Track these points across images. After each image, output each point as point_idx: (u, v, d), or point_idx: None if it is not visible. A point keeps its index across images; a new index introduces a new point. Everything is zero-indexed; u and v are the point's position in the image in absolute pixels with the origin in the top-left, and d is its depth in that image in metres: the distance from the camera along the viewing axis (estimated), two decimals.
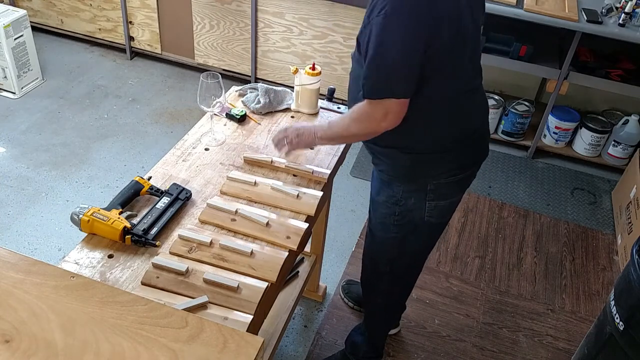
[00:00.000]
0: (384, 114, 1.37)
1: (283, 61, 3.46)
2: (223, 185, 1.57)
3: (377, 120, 1.38)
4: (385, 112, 1.36)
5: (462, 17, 1.37)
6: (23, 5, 3.84)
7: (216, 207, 1.49)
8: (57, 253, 2.45)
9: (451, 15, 1.32)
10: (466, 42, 1.42)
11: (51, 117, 3.25)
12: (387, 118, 1.37)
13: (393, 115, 1.37)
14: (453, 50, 1.37)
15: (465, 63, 1.45)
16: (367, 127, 1.42)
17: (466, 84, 1.49)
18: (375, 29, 1.29)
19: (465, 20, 1.39)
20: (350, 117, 1.45)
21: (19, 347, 0.87)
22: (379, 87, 1.34)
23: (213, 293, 1.27)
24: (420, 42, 1.29)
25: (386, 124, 1.38)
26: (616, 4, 2.77)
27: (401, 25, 1.27)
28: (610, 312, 1.68)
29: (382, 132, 1.41)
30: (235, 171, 1.62)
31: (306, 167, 1.64)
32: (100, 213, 1.38)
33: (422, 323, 2.31)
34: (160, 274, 1.30)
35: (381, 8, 1.27)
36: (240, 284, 1.29)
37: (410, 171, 1.55)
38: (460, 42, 1.39)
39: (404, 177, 1.57)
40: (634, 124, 3.05)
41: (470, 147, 1.57)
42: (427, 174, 1.54)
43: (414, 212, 1.61)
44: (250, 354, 0.88)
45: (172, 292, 1.27)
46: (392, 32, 1.28)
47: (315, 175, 1.63)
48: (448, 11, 1.31)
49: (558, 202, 3.01)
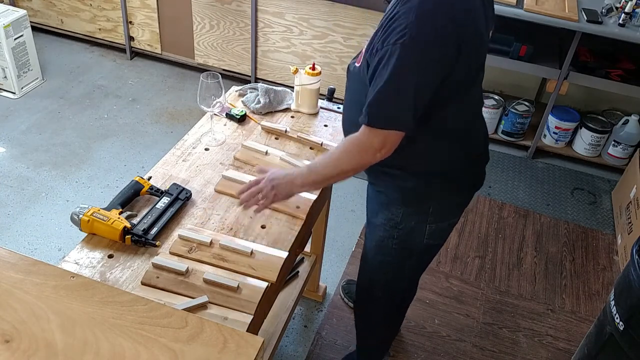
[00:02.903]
0: (382, 144, 1.29)
1: (283, 61, 3.46)
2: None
3: (373, 150, 1.29)
4: (383, 142, 1.28)
5: (482, 35, 1.32)
6: (23, 5, 3.84)
7: (231, 178, 1.56)
8: (57, 253, 2.45)
9: (474, 43, 1.27)
10: (483, 62, 1.40)
11: (51, 117, 3.25)
12: (383, 149, 1.29)
13: (390, 146, 1.30)
14: (470, 78, 1.33)
15: (481, 79, 1.42)
16: (362, 158, 1.33)
17: (475, 108, 1.47)
18: (390, 57, 1.21)
19: (483, 39, 1.34)
20: (341, 150, 1.35)
21: (19, 347, 0.87)
22: (385, 116, 1.26)
23: (213, 293, 1.27)
24: (437, 75, 1.24)
25: (381, 155, 1.31)
26: (616, 4, 2.77)
27: (420, 57, 1.20)
28: (610, 312, 1.68)
29: (374, 163, 1.33)
30: (231, 170, 1.63)
31: None
32: (100, 213, 1.38)
33: (422, 323, 2.31)
34: (160, 274, 1.30)
35: (400, 36, 1.19)
36: (240, 284, 1.29)
37: (414, 193, 1.48)
38: (479, 68, 1.37)
39: (406, 199, 1.50)
40: (634, 124, 3.05)
41: (474, 170, 1.54)
42: (430, 196, 1.49)
43: (414, 235, 1.55)
44: (250, 354, 0.88)
45: (172, 292, 1.27)
46: (409, 63, 1.20)
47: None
48: (472, 40, 1.26)
49: (558, 202, 3.01)
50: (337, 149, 1.36)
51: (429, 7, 1.18)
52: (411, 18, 1.17)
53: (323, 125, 1.86)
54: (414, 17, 1.17)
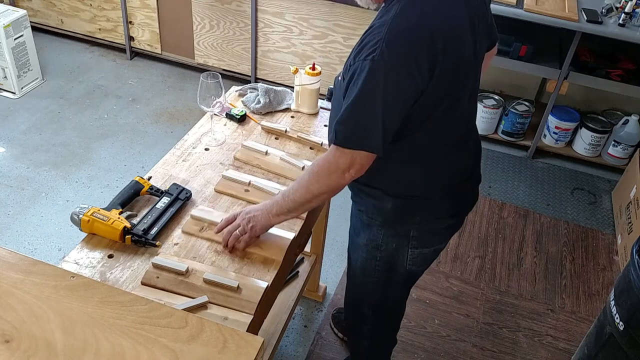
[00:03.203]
0: (350, 164, 1.23)
1: (283, 61, 3.46)
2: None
3: (341, 170, 1.24)
4: (351, 162, 1.22)
5: (464, 58, 1.24)
6: (23, 5, 3.84)
7: (231, 178, 1.58)
8: (57, 253, 2.45)
9: (453, 57, 1.18)
10: (466, 85, 1.29)
11: (51, 117, 3.25)
12: (352, 169, 1.23)
13: (359, 167, 1.24)
14: (450, 97, 1.24)
15: (463, 106, 1.32)
16: (330, 180, 1.26)
17: (459, 130, 1.37)
18: (360, 73, 1.14)
19: (467, 61, 1.25)
20: (309, 173, 1.30)
21: (19, 347, 0.87)
22: (354, 136, 1.20)
23: (213, 293, 1.27)
24: (410, 94, 1.17)
25: (350, 176, 1.25)
26: (616, 4, 2.77)
27: (390, 74, 1.13)
28: (610, 312, 1.68)
29: (345, 185, 1.28)
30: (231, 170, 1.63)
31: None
32: (100, 213, 1.38)
33: (422, 323, 2.31)
34: (160, 274, 1.31)
35: (370, 51, 1.12)
36: (240, 284, 1.29)
37: (393, 215, 1.41)
38: (460, 86, 1.26)
39: (385, 221, 1.44)
40: (634, 124, 3.05)
41: (459, 195, 1.45)
42: (410, 220, 1.42)
43: (396, 259, 1.49)
44: (250, 354, 0.89)
45: (172, 292, 1.27)
46: (379, 80, 1.13)
47: None
48: (450, 54, 1.17)
49: (558, 202, 3.01)
50: (306, 171, 1.32)
51: (403, 24, 1.13)
52: (383, 33, 1.12)
53: (323, 125, 1.86)
54: (385, 33, 1.11)
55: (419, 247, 1.46)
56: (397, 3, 1.15)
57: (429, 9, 1.15)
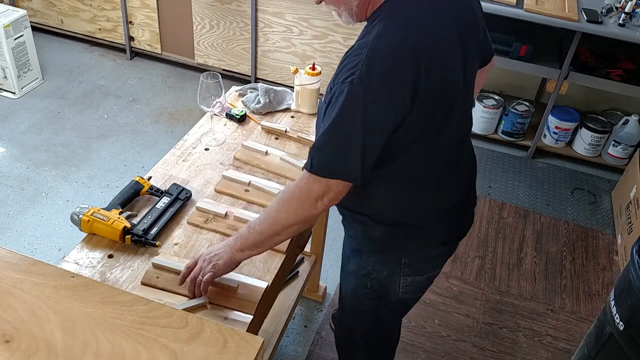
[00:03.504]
0: (324, 193, 1.14)
1: (283, 61, 3.46)
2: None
3: (313, 199, 1.14)
4: (325, 190, 1.13)
5: (451, 80, 1.16)
6: (23, 5, 3.84)
7: (231, 178, 1.59)
8: (57, 253, 2.45)
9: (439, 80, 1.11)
10: (454, 107, 1.19)
11: (51, 117, 3.25)
12: (325, 197, 1.14)
13: (334, 195, 1.15)
14: (436, 121, 1.17)
15: (452, 129, 1.23)
16: (301, 209, 1.17)
17: (451, 152, 1.28)
18: (338, 96, 1.07)
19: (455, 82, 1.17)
20: (278, 201, 1.20)
21: (19, 347, 0.87)
22: (330, 164, 1.12)
23: (213, 293, 1.27)
24: (391, 119, 1.10)
25: (324, 205, 1.15)
26: (616, 4, 2.77)
27: (369, 98, 1.06)
28: (610, 312, 1.68)
29: (317, 215, 1.18)
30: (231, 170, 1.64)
31: None
32: (100, 213, 1.38)
33: (422, 323, 2.31)
34: (160, 274, 1.31)
35: (349, 74, 1.06)
36: (240, 284, 1.29)
37: (382, 242, 1.34)
38: (447, 109, 1.17)
39: (375, 248, 1.37)
40: (634, 124, 3.05)
41: (452, 221, 1.38)
42: (401, 247, 1.35)
43: (388, 287, 1.42)
44: (250, 354, 0.89)
45: (172, 292, 1.27)
46: (357, 104, 1.06)
47: None
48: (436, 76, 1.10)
49: (558, 202, 3.01)
50: (275, 200, 1.22)
51: (384, 45, 1.06)
52: (363, 55, 1.05)
53: None
54: (365, 55, 1.05)
55: (412, 275, 1.39)
56: (380, 23, 1.09)
57: (413, 29, 1.09)
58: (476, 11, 1.25)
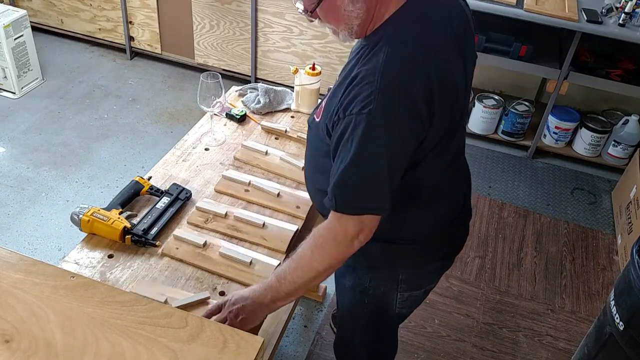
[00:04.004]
0: (359, 230, 1.09)
1: (283, 61, 3.46)
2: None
3: (349, 239, 1.09)
4: (360, 228, 1.09)
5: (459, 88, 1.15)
6: (23, 5, 3.84)
7: (231, 178, 1.60)
8: (57, 253, 2.45)
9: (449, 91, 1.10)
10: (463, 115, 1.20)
11: (51, 117, 3.25)
12: (360, 235, 1.10)
13: (369, 231, 1.11)
14: (449, 134, 1.15)
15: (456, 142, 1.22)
16: (337, 251, 1.11)
17: (451, 162, 1.26)
18: (355, 129, 1.02)
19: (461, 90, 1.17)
20: (311, 247, 1.14)
21: (19, 347, 0.87)
22: (358, 201, 1.08)
23: (227, 267, 1.34)
24: (413, 144, 1.07)
25: (359, 242, 1.11)
26: (616, 4, 2.77)
27: (392, 127, 1.03)
28: (610, 312, 1.68)
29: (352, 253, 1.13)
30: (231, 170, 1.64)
31: None
32: (100, 213, 1.38)
33: (422, 323, 2.31)
34: (180, 245, 1.38)
35: (366, 104, 1.01)
36: (253, 259, 1.36)
37: (378, 259, 1.32)
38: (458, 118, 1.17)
39: (372, 264, 1.34)
40: (634, 124, 3.05)
41: (449, 236, 1.37)
42: (397, 263, 1.33)
43: (385, 303, 1.40)
44: (250, 354, 0.89)
45: (190, 263, 1.35)
46: (379, 136, 1.02)
47: None
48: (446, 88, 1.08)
49: (558, 202, 3.01)
50: (306, 245, 1.15)
51: (397, 69, 1.02)
52: (377, 82, 1.01)
53: None
54: (379, 82, 1.01)
55: (409, 290, 1.38)
56: (385, 46, 1.05)
57: (420, 49, 1.06)
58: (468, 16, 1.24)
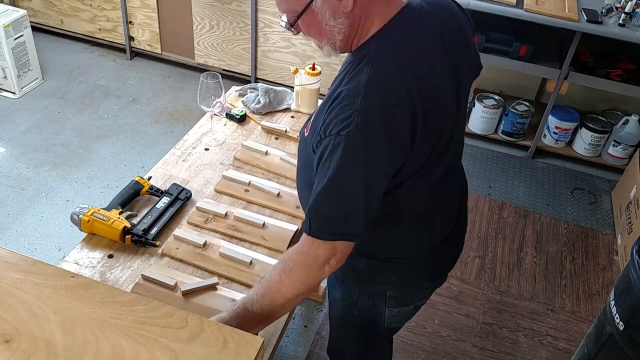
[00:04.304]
0: (330, 255, 1.04)
1: (283, 61, 3.46)
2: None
3: (320, 263, 1.04)
4: (332, 253, 1.04)
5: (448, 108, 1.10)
6: (23, 5, 3.84)
7: (231, 178, 1.60)
8: (57, 253, 2.45)
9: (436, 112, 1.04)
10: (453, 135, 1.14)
11: (51, 117, 3.25)
12: (332, 260, 1.04)
13: (341, 256, 1.05)
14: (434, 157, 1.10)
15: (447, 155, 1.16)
16: (307, 277, 1.06)
17: (439, 183, 1.19)
18: (333, 151, 0.98)
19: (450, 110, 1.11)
20: (279, 272, 1.07)
21: (19, 347, 0.87)
22: (331, 226, 1.02)
23: (227, 267, 1.34)
24: (391, 168, 1.03)
25: (331, 268, 1.06)
26: (616, 4, 2.77)
27: (369, 151, 0.98)
28: (610, 312, 1.68)
29: (324, 279, 1.09)
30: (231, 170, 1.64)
31: None
32: (100, 213, 1.38)
33: (422, 323, 2.31)
34: (180, 245, 1.38)
35: (345, 125, 0.96)
36: (252, 259, 1.36)
37: (367, 275, 1.29)
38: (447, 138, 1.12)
39: (359, 279, 1.31)
40: (634, 124, 3.05)
41: (441, 254, 1.33)
42: (385, 280, 1.29)
43: (374, 316, 1.37)
44: (250, 354, 0.88)
45: (190, 263, 1.34)
46: (357, 159, 0.97)
47: None
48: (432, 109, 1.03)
49: (558, 202, 3.01)
50: (275, 270, 1.09)
51: (379, 90, 0.98)
52: (357, 104, 0.96)
53: None
54: (359, 103, 0.96)
55: (398, 306, 1.35)
56: (368, 64, 1.00)
57: (404, 68, 1.01)
58: (464, 27, 1.17)
